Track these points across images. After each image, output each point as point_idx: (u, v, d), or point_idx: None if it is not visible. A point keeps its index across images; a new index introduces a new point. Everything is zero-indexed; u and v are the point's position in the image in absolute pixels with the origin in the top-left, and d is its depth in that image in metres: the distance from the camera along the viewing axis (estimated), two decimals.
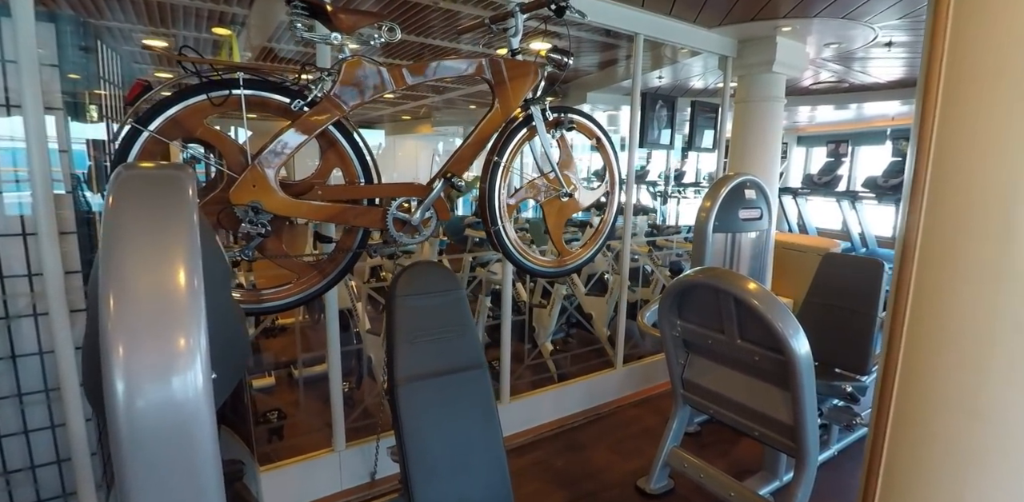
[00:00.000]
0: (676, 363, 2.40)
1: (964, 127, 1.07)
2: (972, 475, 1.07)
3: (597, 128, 2.27)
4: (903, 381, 1.16)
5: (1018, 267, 1.00)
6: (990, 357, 1.04)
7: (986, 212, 1.05)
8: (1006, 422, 1.04)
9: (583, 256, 2.34)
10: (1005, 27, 1.01)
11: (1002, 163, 1.03)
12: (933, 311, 1.11)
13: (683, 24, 3.37)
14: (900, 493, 1.18)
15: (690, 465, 2.34)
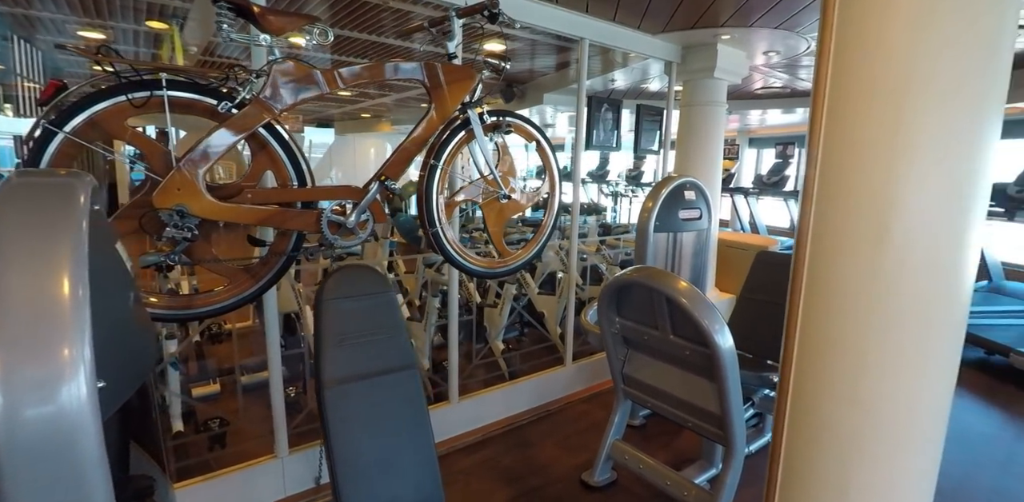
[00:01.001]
0: (616, 359, 2.47)
1: (844, 139, 1.16)
2: (855, 457, 1.16)
3: (536, 131, 2.32)
4: (798, 372, 1.25)
5: (888, 266, 1.09)
6: (867, 351, 1.13)
7: (863, 216, 1.13)
8: (881, 410, 1.13)
9: (524, 257, 2.39)
10: (878, 50, 1.10)
11: (876, 172, 1.12)
12: (821, 307, 1.20)
13: (628, 30, 3.46)
14: (798, 476, 1.26)
15: (631, 457, 2.42)
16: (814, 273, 1.20)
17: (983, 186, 1.13)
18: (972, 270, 1.16)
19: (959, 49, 1.08)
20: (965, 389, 3.72)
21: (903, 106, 1.10)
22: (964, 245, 1.13)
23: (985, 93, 1.10)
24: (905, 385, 1.13)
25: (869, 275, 1.11)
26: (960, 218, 1.12)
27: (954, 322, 1.14)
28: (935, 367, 1.15)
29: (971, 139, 1.11)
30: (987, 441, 3.00)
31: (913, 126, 1.10)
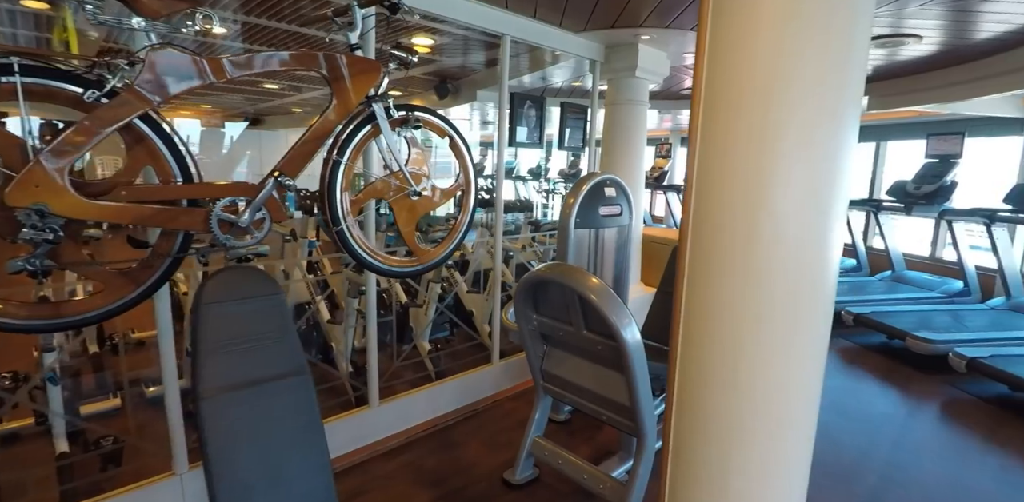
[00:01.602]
0: (535, 356, 2.47)
1: (718, 139, 1.19)
2: (735, 441, 1.20)
3: (448, 127, 2.28)
4: (683, 361, 1.27)
5: (756, 264, 1.13)
6: (743, 340, 1.17)
7: (736, 213, 1.16)
8: (757, 395, 1.17)
9: (439, 254, 2.34)
10: (745, 52, 1.13)
11: (747, 170, 1.16)
12: (702, 300, 1.22)
13: (551, 27, 3.47)
14: (686, 461, 1.29)
15: (550, 453, 2.42)
16: (695, 267, 1.23)
17: (843, 184, 1.19)
18: (835, 263, 1.21)
19: (818, 53, 1.12)
20: (867, 371, 3.99)
21: (769, 107, 1.13)
22: (827, 240, 1.18)
23: (843, 96, 1.15)
24: (777, 372, 1.17)
25: (742, 269, 1.15)
26: (823, 215, 1.17)
27: (821, 311, 1.19)
28: (805, 355, 1.20)
29: (831, 139, 1.16)
30: (884, 419, 3.21)
31: (778, 126, 1.14)
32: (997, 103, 5.17)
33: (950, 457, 2.81)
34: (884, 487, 2.53)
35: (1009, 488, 2.55)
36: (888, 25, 3.41)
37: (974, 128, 5.70)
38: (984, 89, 4.32)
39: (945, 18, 3.24)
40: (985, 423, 3.18)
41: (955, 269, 5.39)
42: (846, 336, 4.74)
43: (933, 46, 3.94)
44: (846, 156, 1.18)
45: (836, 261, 1.20)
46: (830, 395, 3.55)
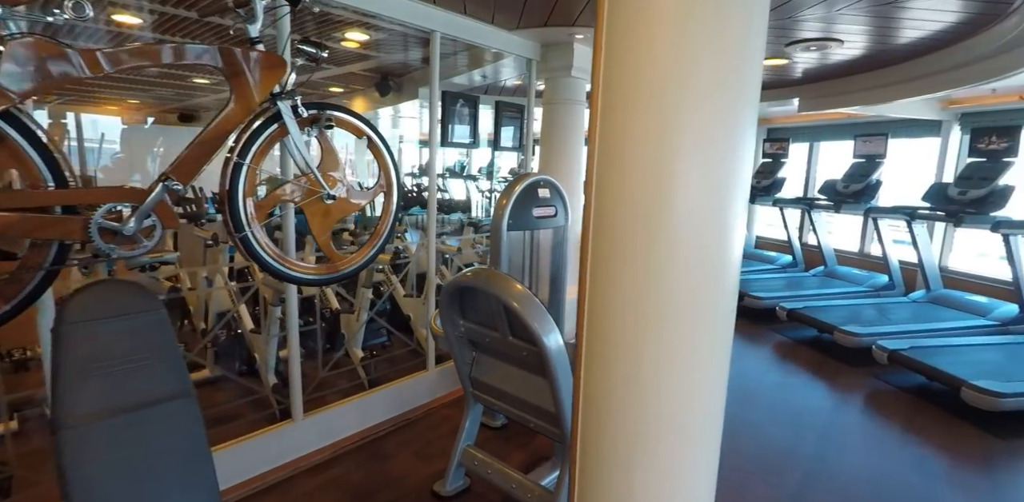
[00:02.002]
0: (464, 363, 2.40)
1: (617, 138, 1.15)
2: (639, 453, 1.17)
3: (366, 126, 2.17)
4: (587, 369, 1.23)
5: (656, 265, 1.10)
6: (643, 348, 1.13)
7: (636, 215, 1.12)
8: (658, 395, 1.14)
9: (358, 260, 2.24)
10: (641, 53, 1.10)
11: (644, 174, 1.12)
12: (603, 304, 1.18)
13: (483, 25, 3.40)
14: (592, 474, 1.25)
15: (480, 463, 2.36)
16: (596, 268, 1.19)
17: (742, 184, 1.17)
18: (736, 262, 1.19)
19: (714, 53, 1.10)
20: (798, 366, 4.11)
21: (665, 107, 1.10)
22: (727, 239, 1.16)
23: (739, 97, 1.13)
24: (680, 370, 1.15)
25: (644, 270, 1.12)
26: (722, 214, 1.14)
27: (722, 316, 1.17)
28: (708, 353, 1.17)
29: (729, 140, 1.13)
30: (813, 413, 3.31)
31: (676, 126, 1.11)
32: (917, 106, 5.44)
33: (871, 448, 2.92)
34: (809, 480, 2.59)
35: (923, 476, 2.66)
36: (811, 29, 3.50)
37: (897, 130, 5.99)
38: (903, 92, 4.53)
39: (864, 23, 3.36)
40: (904, 413, 3.32)
41: (882, 264, 5.65)
42: (781, 331, 4.89)
43: (857, 50, 4.09)
44: (744, 156, 1.16)
45: (737, 260, 1.18)
46: (764, 391, 3.64)
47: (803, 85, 5.48)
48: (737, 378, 3.81)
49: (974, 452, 2.89)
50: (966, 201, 4.54)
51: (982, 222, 4.22)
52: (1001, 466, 2.76)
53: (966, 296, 4.93)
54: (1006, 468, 2.74)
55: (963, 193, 4.58)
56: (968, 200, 4.53)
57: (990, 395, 3.04)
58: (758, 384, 3.75)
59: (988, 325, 4.41)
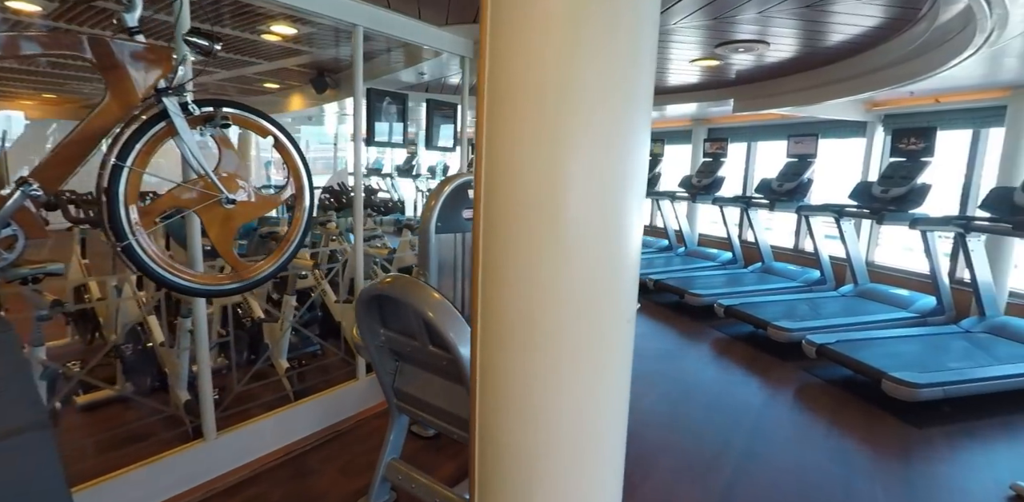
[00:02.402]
0: (386, 373, 2.29)
1: (503, 145, 1.08)
2: (537, 473, 1.10)
3: (271, 125, 2.03)
4: (481, 385, 1.16)
5: (547, 274, 1.03)
6: (533, 362, 1.07)
7: (525, 220, 1.06)
8: (555, 426, 1.07)
9: (267, 268, 2.10)
10: (529, 55, 1.03)
11: (534, 176, 1.05)
12: (493, 314, 1.11)
13: (410, 20, 3.28)
14: (491, 494, 1.18)
15: (404, 476, 2.26)
16: (487, 279, 1.11)
17: (637, 187, 1.12)
18: (633, 271, 1.14)
19: (606, 57, 1.04)
20: (733, 362, 4.20)
21: (559, 109, 1.04)
22: (623, 246, 1.11)
23: (633, 98, 1.08)
24: (574, 393, 1.09)
25: (533, 280, 1.05)
26: (617, 220, 1.09)
27: (620, 324, 1.11)
28: (606, 374, 1.12)
29: (622, 141, 1.08)
30: (745, 409, 3.37)
31: (565, 129, 1.05)
32: (844, 108, 5.66)
33: (798, 441, 2.98)
34: (738, 478, 2.62)
35: (844, 468, 2.73)
36: (738, 31, 3.56)
37: (827, 130, 6.22)
38: (829, 94, 4.69)
39: (789, 26, 3.44)
40: (830, 406, 3.43)
41: (815, 260, 5.86)
42: (719, 328, 4.99)
43: (785, 53, 4.20)
44: (638, 158, 1.11)
45: (634, 266, 1.14)
46: (701, 388, 3.68)
47: (738, 86, 5.62)
48: (676, 376, 3.86)
49: (892, 442, 3.00)
50: (888, 199, 4.75)
51: (902, 219, 4.42)
52: (917, 455, 2.87)
53: (890, 290, 5.16)
54: (921, 457, 2.85)
55: (885, 191, 4.78)
56: (890, 198, 4.74)
57: (908, 386, 3.17)
58: (696, 381, 3.80)
59: (909, 317, 4.63)
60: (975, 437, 3.08)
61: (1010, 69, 3.88)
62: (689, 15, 3.18)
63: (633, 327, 1.16)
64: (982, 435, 3.10)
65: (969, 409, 3.29)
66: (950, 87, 4.61)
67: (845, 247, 5.36)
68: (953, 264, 5.07)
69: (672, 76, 5.39)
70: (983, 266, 4.25)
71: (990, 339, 4.03)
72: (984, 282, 4.28)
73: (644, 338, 4.74)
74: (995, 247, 4.44)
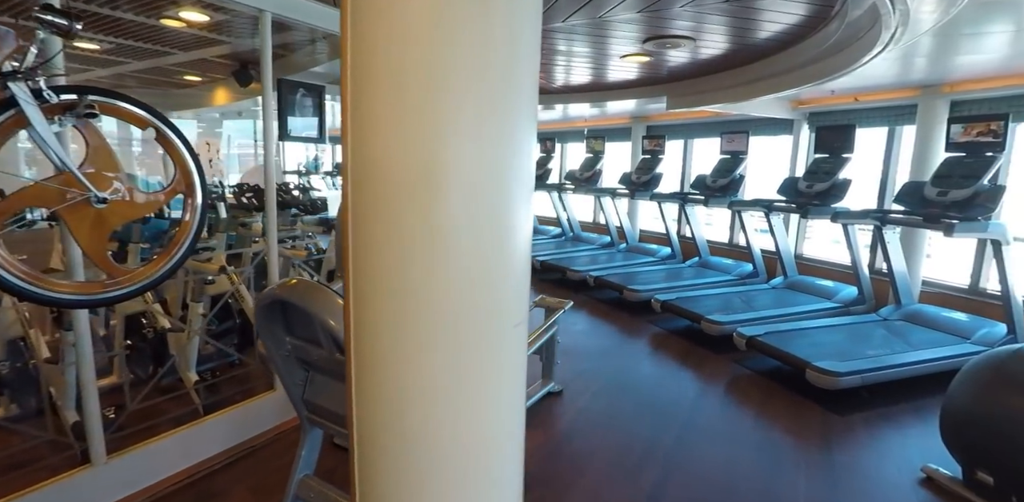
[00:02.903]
0: (294, 384, 2.13)
1: (369, 125, 0.96)
2: (423, 493, 1.00)
3: (148, 114, 1.84)
4: (358, 400, 1.05)
5: (421, 277, 0.93)
6: (408, 373, 0.96)
7: (399, 208, 0.95)
8: (433, 445, 0.97)
9: (150, 275, 1.90)
10: (387, 36, 0.92)
11: (403, 158, 0.95)
12: (366, 321, 1.00)
13: (326, 7, 3.09)
14: None
15: (317, 494, 2.11)
16: (359, 282, 1.00)
17: (523, 179, 1.03)
18: (521, 272, 1.06)
19: (479, 36, 0.95)
20: (669, 356, 4.24)
21: (427, 92, 0.94)
22: (508, 246, 1.02)
23: (512, 82, 0.99)
24: (455, 407, 0.99)
25: (406, 284, 0.95)
26: (502, 213, 1.00)
27: (507, 330, 1.02)
28: (491, 385, 1.02)
29: (504, 129, 0.99)
30: (678, 404, 3.38)
31: (441, 114, 0.95)
32: (772, 105, 5.84)
33: (728, 435, 3.01)
34: (668, 474, 2.61)
35: (770, 459, 2.77)
36: (664, 26, 3.56)
37: (757, 128, 6.41)
38: (756, 91, 4.80)
39: (712, 21, 3.46)
40: (758, 397, 3.50)
41: (748, 253, 6.03)
42: (656, 323, 5.04)
43: (712, 49, 4.26)
44: (523, 148, 1.02)
45: (522, 267, 1.05)
46: (636, 384, 3.68)
47: (671, 83, 5.69)
48: (613, 373, 3.84)
49: (816, 430, 3.07)
50: (812, 194, 4.92)
51: (824, 213, 4.58)
52: (838, 442, 2.95)
53: (816, 281, 5.36)
54: (841, 444, 2.93)
55: (810, 186, 4.95)
56: (814, 193, 4.91)
57: (829, 375, 3.26)
58: (632, 378, 3.80)
59: (833, 307, 4.81)
60: (891, 421, 3.20)
61: (920, 69, 4.08)
62: (614, 7, 3.15)
63: (524, 331, 1.07)
64: (897, 419, 3.23)
65: (886, 394, 3.43)
66: (867, 86, 4.81)
67: (775, 241, 5.53)
68: (872, 255, 5.31)
69: (611, 73, 5.40)
70: (898, 257, 4.47)
71: (905, 326, 4.23)
72: (899, 272, 4.50)
73: (583, 336, 4.73)
74: (909, 238, 4.67)
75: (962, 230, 3.57)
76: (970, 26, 2.85)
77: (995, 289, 4.26)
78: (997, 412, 2.32)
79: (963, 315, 4.24)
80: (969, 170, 3.81)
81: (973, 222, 3.59)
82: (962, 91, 4.47)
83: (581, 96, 6.78)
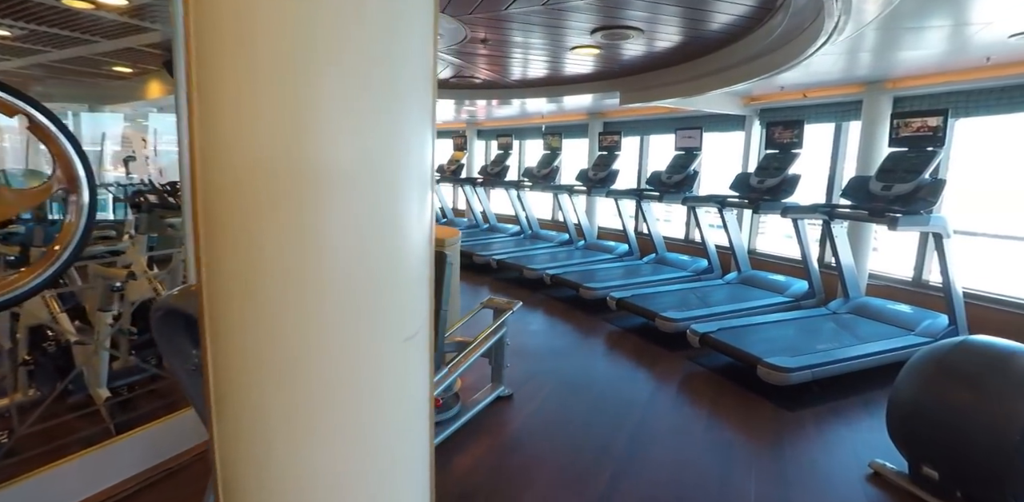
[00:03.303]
0: (203, 402, 1.92)
1: (217, 104, 0.79)
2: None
3: (20, 101, 1.61)
4: (219, 433, 0.88)
5: (287, 291, 0.77)
6: (274, 405, 0.80)
7: (257, 204, 0.79)
8: (302, 488, 0.82)
9: (25, 282, 1.67)
10: (235, 31, 0.75)
11: (259, 145, 0.78)
12: (224, 337, 0.84)
13: None
14: None
15: None
16: (214, 292, 0.83)
17: (417, 171, 0.89)
18: (418, 279, 0.91)
19: (354, 14, 0.78)
20: (624, 355, 4.16)
21: (295, 73, 0.78)
22: (400, 246, 0.87)
23: (399, 60, 0.84)
24: (330, 444, 0.83)
25: (271, 287, 0.79)
26: (389, 212, 0.85)
27: (395, 347, 0.87)
28: (371, 413, 0.87)
29: (392, 122, 0.84)
30: (630, 403, 3.30)
31: (312, 100, 0.79)
32: (725, 101, 5.86)
33: (679, 437, 2.94)
34: (618, 482, 2.51)
35: (720, 459, 2.71)
36: (611, 16, 3.47)
37: (711, 124, 6.43)
38: (707, 86, 4.77)
39: (661, 12, 3.38)
40: (711, 395, 3.45)
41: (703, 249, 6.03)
42: (612, 321, 4.97)
43: (663, 42, 4.19)
44: (415, 136, 0.87)
45: (416, 270, 0.90)
46: (589, 385, 3.58)
47: (623, 78, 5.63)
48: (566, 374, 3.73)
49: (767, 428, 3.04)
50: (764, 189, 4.94)
51: (775, 208, 4.59)
52: (788, 439, 2.92)
53: (769, 276, 5.40)
54: (792, 441, 2.90)
55: (761, 182, 4.97)
56: (765, 188, 4.93)
57: (780, 371, 3.24)
58: (585, 379, 3.70)
59: (785, 302, 4.84)
60: (840, 416, 3.20)
61: (864, 65, 4.11)
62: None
63: (421, 344, 0.92)
64: (846, 414, 3.23)
65: (835, 388, 3.43)
66: (815, 82, 4.86)
67: (728, 236, 5.54)
68: (822, 250, 5.39)
69: (566, 66, 5.30)
70: (846, 250, 4.52)
71: (853, 319, 4.28)
72: (847, 265, 4.55)
73: (538, 336, 4.61)
74: (855, 232, 4.74)
75: (905, 224, 3.61)
76: (911, 20, 2.85)
77: (937, 281, 4.36)
78: (940, 405, 2.31)
79: (907, 307, 4.32)
80: (911, 165, 3.86)
81: (916, 216, 3.63)
82: (904, 87, 4.55)
83: (536, 90, 6.66)
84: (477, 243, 7.93)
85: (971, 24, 2.91)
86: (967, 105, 4.25)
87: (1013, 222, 4.33)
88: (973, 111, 4.24)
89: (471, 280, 6.57)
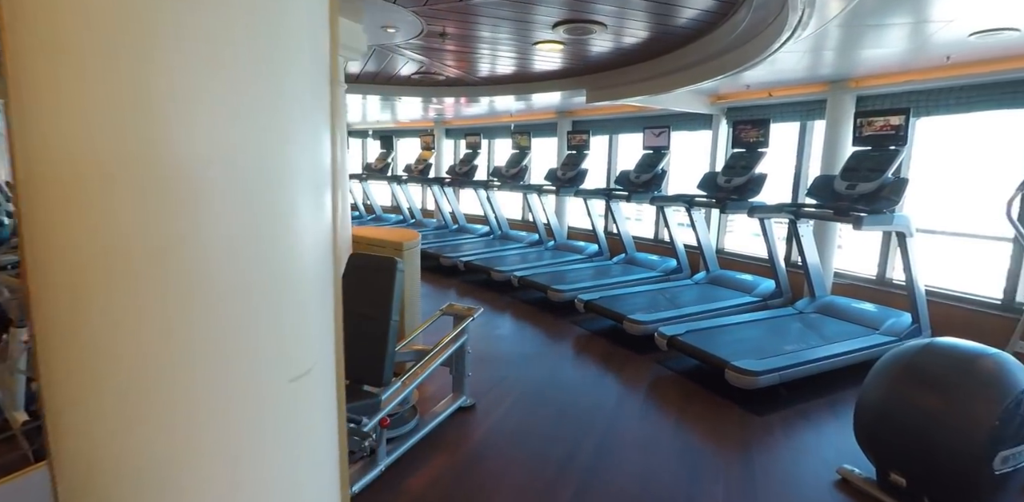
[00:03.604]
0: None
1: (44, 95, 0.63)
2: None
3: None
4: (60, 486, 0.72)
5: (136, 320, 0.62)
6: (122, 463, 0.65)
7: (95, 214, 0.63)
8: None
9: None
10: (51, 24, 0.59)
11: (98, 139, 0.62)
12: (59, 371, 0.68)
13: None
14: None
15: None
16: (47, 326, 0.67)
17: (313, 172, 0.74)
18: (318, 297, 0.76)
19: None
20: (591, 359, 4.07)
21: (142, 57, 0.61)
22: (289, 264, 0.72)
23: (277, 53, 0.69)
24: None
25: (120, 315, 0.63)
26: (273, 222, 0.70)
27: (282, 390, 0.72)
28: (251, 467, 0.72)
29: (266, 126, 0.69)
30: (597, 409, 3.20)
31: (165, 90, 0.63)
32: (692, 100, 5.81)
33: (647, 444, 2.85)
34: (583, 494, 2.39)
35: (688, 467, 2.62)
36: (575, 9, 3.35)
37: (678, 123, 6.39)
38: (673, 83, 4.71)
39: (625, 6, 3.28)
40: (679, 401, 3.37)
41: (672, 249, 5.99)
42: (580, 323, 4.87)
43: (629, 38, 4.10)
44: (305, 144, 0.72)
45: (314, 291, 0.76)
46: (555, 391, 3.47)
47: (590, 75, 5.54)
48: (532, 381, 3.61)
49: (735, 433, 2.97)
50: (731, 188, 4.90)
51: (742, 207, 4.55)
52: (757, 445, 2.85)
53: (737, 275, 5.37)
54: (760, 447, 2.84)
55: (728, 181, 4.93)
56: (732, 187, 4.89)
57: (747, 375, 3.17)
58: (551, 385, 3.58)
59: (753, 302, 4.82)
60: (808, 420, 3.15)
61: (828, 63, 4.09)
62: None
63: (318, 385, 0.77)
64: (814, 416, 3.18)
65: (803, 390, 3.39)
66: (780, 81, 4.83)
67: (696, 236, 5.50)
68: (788, 248, 5.39)
69: (534, 63, 5.17)
70: (812, 250, 4.50)
71: (819, 318, 4.27)
72: (813, 264, 4.54)
73: (504, 341, 4.48)
74: (821, 231, 4.74)
75: (869, 223, 3.59)
76: (874, 16, 2.81)
77: (901, 279, 4.38)
78: (906, 410, 2.26)
79: (872, 306, 4.33)
80: (875, 163, 3.85)
81: (879, 215, 3.62)
82: (867, 87, 4.56)
83: (504, 88, 6.52)
84: (446, 244, 7.75)
85: (932, 21, 2.88)
86: (927, 105, 4.27)
87: (973, 220, 4.38)
88: (933, 111, 4.26)
89: (438, 283, 6.40)
